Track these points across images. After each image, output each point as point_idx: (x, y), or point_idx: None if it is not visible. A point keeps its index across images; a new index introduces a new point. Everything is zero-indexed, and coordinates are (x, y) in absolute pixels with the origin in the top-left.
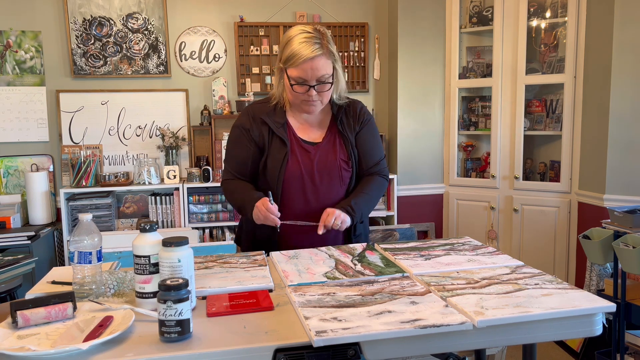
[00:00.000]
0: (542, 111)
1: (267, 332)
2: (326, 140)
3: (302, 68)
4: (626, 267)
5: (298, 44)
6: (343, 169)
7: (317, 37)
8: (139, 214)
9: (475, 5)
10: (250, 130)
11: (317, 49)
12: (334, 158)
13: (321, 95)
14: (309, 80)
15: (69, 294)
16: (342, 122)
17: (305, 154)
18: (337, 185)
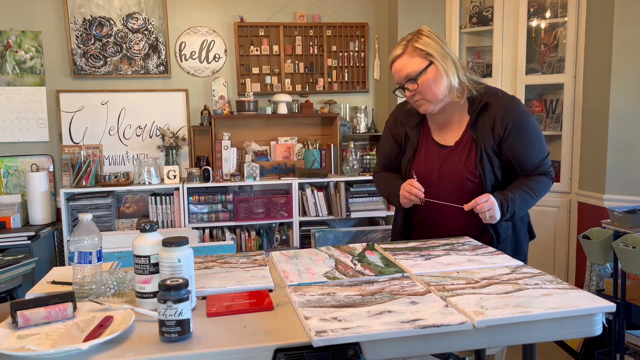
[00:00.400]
0: (542, 111)
1: (267, 332)
2: (461, 145)
3: (393, 71)
4: (626, 267)
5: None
6: (467, 179)
7: (408, 39)
8: (139, 214)
9: (475, 5)
10: (391, 129)
11: (399, 50)
12: (460, 166)
13: (420, 94)
14: (401, 81)
15: (69, 294)
16: (477, 126)
17: (434, 157)
18: (458, 194)
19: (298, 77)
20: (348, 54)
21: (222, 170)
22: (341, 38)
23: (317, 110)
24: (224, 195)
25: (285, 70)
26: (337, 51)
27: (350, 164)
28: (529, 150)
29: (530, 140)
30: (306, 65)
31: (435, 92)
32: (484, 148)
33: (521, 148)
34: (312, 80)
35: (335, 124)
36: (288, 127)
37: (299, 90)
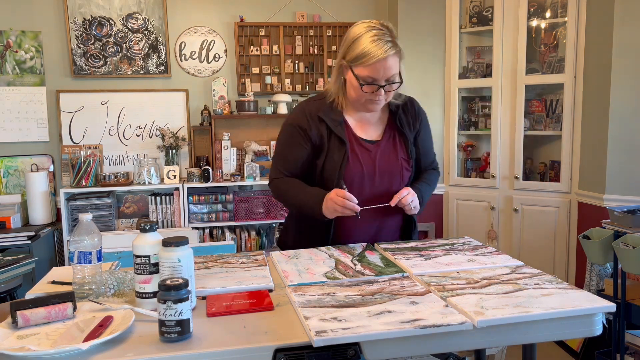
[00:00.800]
0: (542, 111)
1: (267, 332)
2: (386, 139)
3: (374, 67)
4: (626, 267)
5: (370, 42)
6: (404, 168)
7: (388, 34)
8: (139, 214)
9: (475, 5)
10: (307, 130)
11: (390, 48)
12: (396, 157)
13: (387, 94)
14: (379, 80)
15: (69, 294)
16: (401, 120)
17: (366, 153)
18: (398, 185)
19: (298, 77)
20: None
21: (222, 170)
22: (341, 38)
23: None
24: (224, 195)
25: (285, 70)
26: (337, 51)
27: None
28: (431, 146)
29: (431, 139)
30: (306, 65)
31: (392, 94)
32: (409, 138)
33: (428, 142)
34: (312, 80)
35: None
36: None
37: (299, 90)
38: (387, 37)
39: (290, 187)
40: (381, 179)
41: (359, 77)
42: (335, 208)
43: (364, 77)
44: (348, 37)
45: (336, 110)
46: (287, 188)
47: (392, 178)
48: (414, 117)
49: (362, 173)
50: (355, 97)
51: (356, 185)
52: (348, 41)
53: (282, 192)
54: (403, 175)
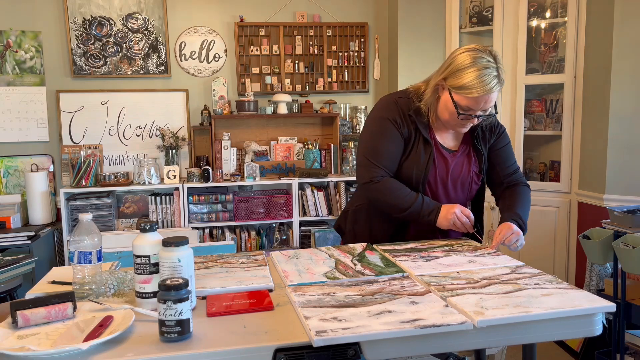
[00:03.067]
0: (542, 111)
1: (267, 332)
2: (462, 150)
3: (476, 100)
4: (626, 267)
5: (476, 76)
6: (474, 181)
7: (494, 67)
8: (139, 214)
9: (475, 5)
10: (401, 125)
11: (496, 85)
12: (468, 169)
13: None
14: (476, 111)
15: (69, 294)
16: (478, 135)
17: (443, 160)
18: (465, 196)
19: (298, 77)
20: (348, 54)
21: (222, 170)
22: (341, 38)
23: (317, 110)
24: (224, 195)
25: (285, 70)
26: (337, 51)
27: (350, 164)
28: (509, 155)
29: (509, 150)
30: (306, 65)
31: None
32: (483, 153)
33: (504, 151)
34: (312, 80)
35: (335, 124)
36: (288, 127)
37: (299, 90)
38: (494, 71)
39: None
40: (453, 187)
41: (457, 105)
42: (455, 222)
43: (462, 106)
44: (454, 63)
45: (422, 113)
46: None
47: (462, 188)
48: (490, 131)
49: (436, 178)
50: (447, 119)
51: (432, 188)
52: (453, 67)
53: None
54: (472, 189)
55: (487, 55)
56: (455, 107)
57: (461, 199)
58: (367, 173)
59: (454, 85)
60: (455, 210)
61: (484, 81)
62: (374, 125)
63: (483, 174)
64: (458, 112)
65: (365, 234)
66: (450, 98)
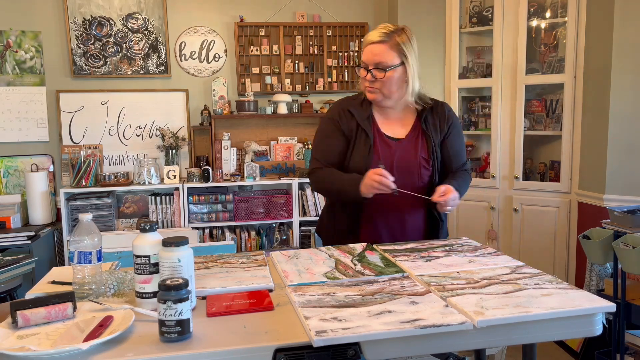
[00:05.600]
0: (542, 111)
1: (267, 332)
2: (409, 137)
3: (365, 52)
4: (626, 267)
5: (371, 31)
6: (423, 166)
7: (392, 30)
8: (139, 214)
9: (475, 5)
10: (339, 122)
11: (382, 36)
12: (415, 155)
13: (380, 83)
14: (368, 64)
15: (69, 294)
16: (427, 121)
17: (387, 149)
18: (416, 182)
19: (298, 77)
20: (348, 54)
21: (222, 170)
22: (341, 38)
23: (317, 110)
24: (224, 195)
25: (285, 70)
26: (337, 51)
27: None
28: (462, 148)
29: (463, 141)
30: (306, 65)
31: (392, 90)
32: (434, 141)
33: (458, 145)
34: (312, 80)
35: None
36: (288, 127)
37: (299, 90)
38: (388, 31)
39: (329, 174)
40: (399, 175)
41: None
42: (372, 184)
43: (361, 61)
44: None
45: (366, 107)
46: (326, 175)
47: (410, 175)
48: (442, 120)
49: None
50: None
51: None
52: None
53: (321, 179)
54: (421, 174)
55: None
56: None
57: (412, 184)
58: (310, 166)
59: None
60: (369, 174)
61: (373, 33)
62: (319, 126)
63: (433, 160)
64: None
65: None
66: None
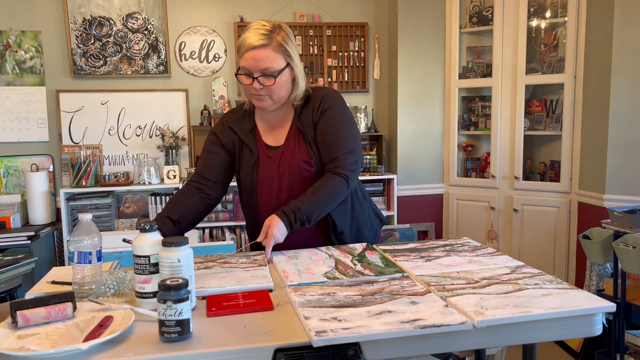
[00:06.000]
0: (542, 111)
1: (267, 332)
2: (286, 143)
3: (245, 57)
4: (626, 267)
5: (246, 33)
6: (304, 169)
7: (270, 29)
8: (139, 214)
9: (475, 5)
10: (221, 139)
11: (263, 39)
12: (295, 160)
13: (269, 89)
14: (252, 71)
15: (69, 294)
16: (301, 118)
17: (268, 160)
18: (301, 186)
19: None
20: (348, 54)
21: None
22: (341, 38)
23: None
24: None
25: None
26: (337, 51)
27: None
28: (333, 137)
29: (337, 128)
30: (306, 65)
31: (283, 94)
32: (310, 137)
33: (328, 136)
34: (312, 80)
35: None
36: None
37: None
38: (266, 31)
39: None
40: (285, 183)
41: (239, 69)
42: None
43: (241, 67)
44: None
45: (249, 118)
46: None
47: (292, 181)
48: (314, 111)
49: (267, 179)
50: (244, 92)
51: (267, 190)
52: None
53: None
54: (304, 177)
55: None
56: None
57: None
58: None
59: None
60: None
61: (251, 37)
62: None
63: (314, 157)
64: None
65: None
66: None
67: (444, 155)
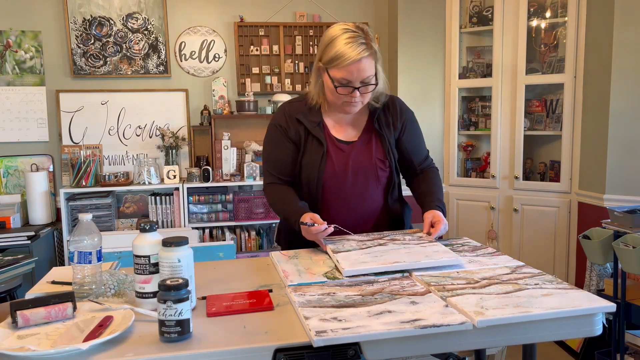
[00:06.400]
0: (542, 111)
1: (267, 332)
2: (362, 140)
3: (347, 70)
4: (626, 267)
5: (344, 44)
6: (379, 168)
7: (362, 36)
8: (139, 214)
9: (475, 5)
10: (287, 129)
11: (364, 50)
12: (370, 157)
13: (364, 96)
14: (353, 82)
15: (69, 294)
16: (380, 120)
17: (341, 153)
18: (374, 184)
19: (298, 76)
20: None
21: (222, 170)
22: None
23: None
24: (224, 195)
25: (285, 70)
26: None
27: None
28: (421, 142)
29: (420, 136)
30: (306, 65)
31: (369, 96)
32: (388, 139)
33: (416, 140)
34: None
35: None
36: None
37: (299, 90)
38: (361, 39)
39: (280, 197)
40: (356, 179)
41: (333, 79)
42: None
43: (338, 79)
44: (324, 40)
45: (316, 112)
46: (278, 196)
47: (366, 177)
48: (395, 117)
49: (335, 172)
50: (333, 99)
51: (334, 184)
52: (323, 43)
53: (273, 199)
54: (378, 175)
55: (355, 28)
56: (332, 82)
57: (370, 189)
58: (264, 179)
59: (327, 61)
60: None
61: (352, 48)
62: (267, 134)
63: (390, 160)
64: (335, 86)
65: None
66: (328, 76)
67: (444, 155)
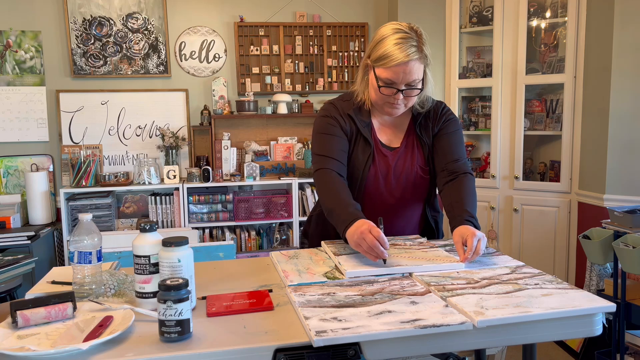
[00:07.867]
0: (542, 111)
1: (267, 332)
2: (404, 146)
3: (393, 71)
4: (626, 267)
5: (393, 44)
6: (420, 176)
7: (414, 38)
8: (139, 214)
9: (475, 5)
10: (340, 123)
11: (414, 53)
12: (412, 165)
13: (407, 99)
14: (398, 84)
15: (69, 294)
16: (421, 125)
17: (384, 159)
18: (415, 193)
19: (298, 77)
20: (348, 54)
21: (222, 170)
22: (341, 38)
23: (317, 110)
24: (223, 195)
25: (285, 70)
26: (337, 51)
27: None
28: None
29: (457, 138)
30: (306, 65)
31: (413, 100)
32: (428, 145)
33: (452, 142)
34: (312, 80)
35: None
36: (288, 127)
37: (299, 90)
38: (412, 41)
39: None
40: (397, 185)
41: (379, 78)
42: (360, 244)
43: (383, 78)
44: (375, 37)
45: (365, 112)
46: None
47: (407, 185)
48: (434, 121)
49: (378, 177)
50: (375, 98)
51: (375, 187)
52: (374, 41)
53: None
54: (419, 184)
55: (408, 29)
56: (377, 81)
57: (408, 196)
58: (315, 165)
59: (375, 58)
60: (362, 230)
61: (401, 49)
62: (318, 125)
63: (430, 166)
64: (379, 86)
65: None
66: (374, 73)
67: None
